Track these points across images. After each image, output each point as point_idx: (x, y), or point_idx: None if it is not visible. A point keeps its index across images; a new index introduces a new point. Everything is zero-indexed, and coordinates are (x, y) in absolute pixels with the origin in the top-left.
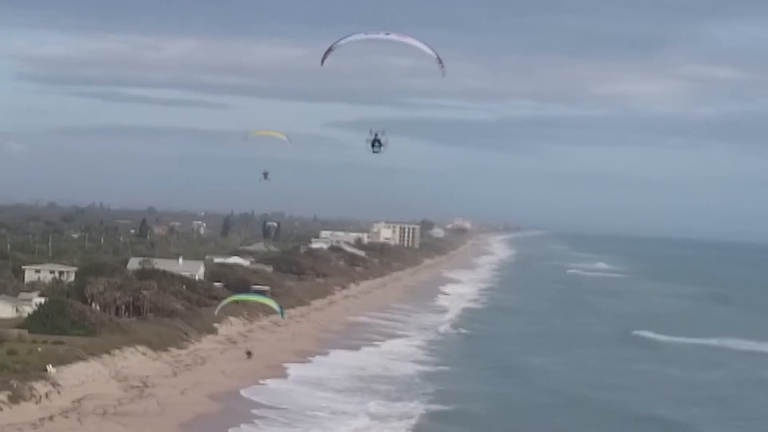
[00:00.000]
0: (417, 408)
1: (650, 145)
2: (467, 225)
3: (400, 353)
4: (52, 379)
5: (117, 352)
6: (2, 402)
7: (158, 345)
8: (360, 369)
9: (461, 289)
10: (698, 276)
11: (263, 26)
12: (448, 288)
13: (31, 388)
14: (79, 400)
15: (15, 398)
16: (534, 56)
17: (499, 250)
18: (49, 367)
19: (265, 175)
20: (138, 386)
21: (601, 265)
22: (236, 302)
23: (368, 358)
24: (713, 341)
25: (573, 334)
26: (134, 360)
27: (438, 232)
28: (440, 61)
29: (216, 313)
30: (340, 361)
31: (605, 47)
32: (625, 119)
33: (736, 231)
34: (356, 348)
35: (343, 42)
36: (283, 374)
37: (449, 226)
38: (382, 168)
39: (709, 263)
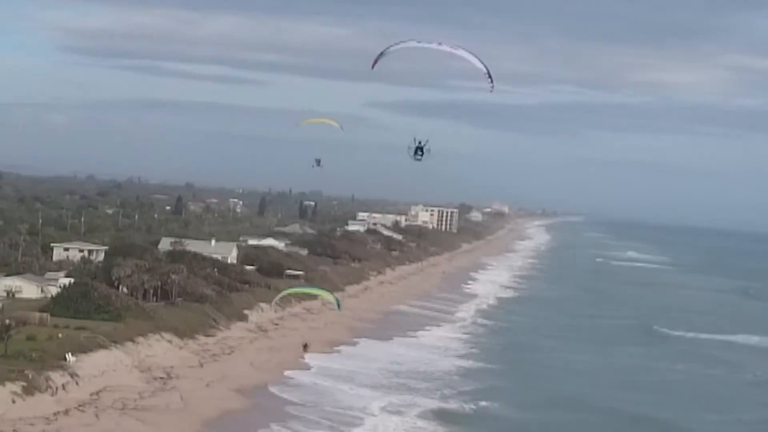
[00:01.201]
0: (456, 406)
1: (689, 133)
2: (505, 209)
3: (435, 346)
4: (70, 369)
5: (141, 339)
6: (16, 394)
7: (185, 332)
8: (394, 363)
9: (498, 277)
10: (735, 269)
11: (306, 4)
12: (485, 275)
13: (47, 379)
14: (97, 393)
15: (29, 389)
16: (577, 42)
17: (536, 235)
18: (69, 356)
19: (318, 162)
20: (161, 377)
21: (638, 255)
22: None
23: (403, 351)
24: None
25: (604, 328)
26: (159, 348)
27: (476, 216)
28: (490, 77)
29: (272, 305)
30: (373, 353)
31: (646, 35)
32: (665, 108)
33: None
34: (389, 339)
35: (394, 48)
36: (313, 367)
37: (487, 210)
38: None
39: (747, 256)
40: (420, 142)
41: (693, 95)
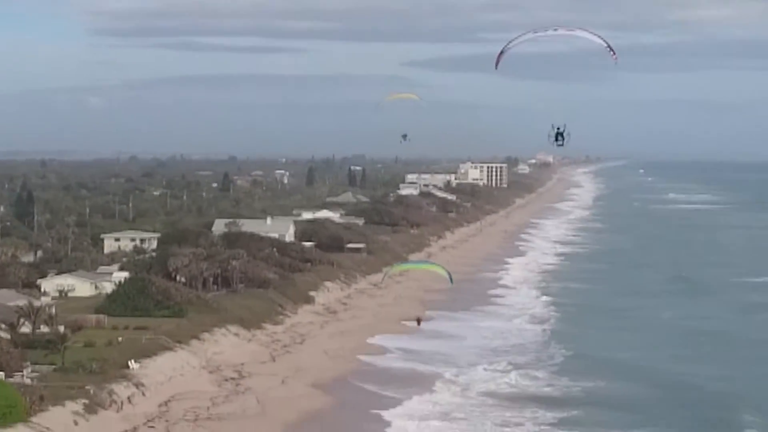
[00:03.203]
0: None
1: (725, 69)
2: (550, 159)
3: (516, 313)
4: (134, 378)
5: (206, 335)
6: (78, 414)
7: (251, 322)
8: (479, 337)
9: (558, 230)
10: None
11: None
12: (546, 231)
13: (110, 393)
14: (166, 403)
15: (92, 407)
16: None
17: (585, 183)
18: (131, 363)
19: (404, 137)
20: (233, 378)
21: (688, 196)
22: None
23: (485, 323)
24: None
25: (699, 282)
26: (226, 344)
27: (523, 169)
28: (611, 49)
29: (381, 283)
30: (453, 328)
31: None
32: (702, 44)
33: None
34: (466, 309)
35: (513, 44)
36: (392, 349)
37: (532, 161)
38: (462, 105)
39: None
40: (558, 128)
41: (731, 30)
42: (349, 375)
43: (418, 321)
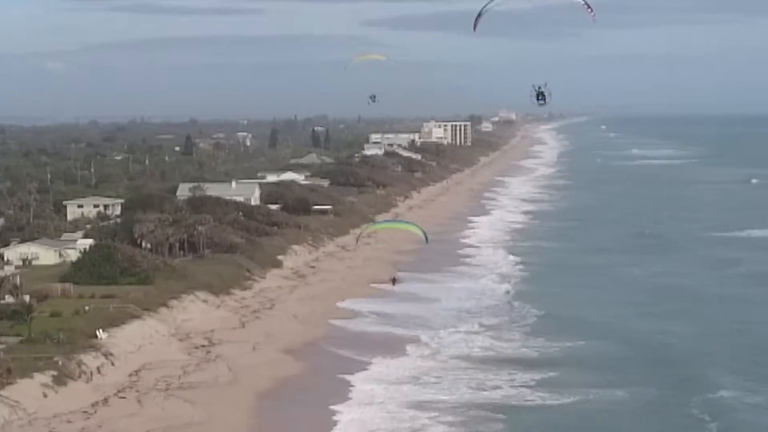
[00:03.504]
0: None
1: (687, 23)
2: (513, 116)
3: (487, 273)
4: (103, 348)
5: (175, 303)
6: (46, 386)
7: (220, 288)
8: (452, 298)
9: (525, 188)
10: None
11: None
12: (512, 188)
13: (79, 363)
14: (136, 372)
15: (61, 379)
16: None
17: (549, 140)
18: (99, 332)
19: (373, 98)
20: (203, 345)
21: (652, 152)
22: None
23: (457, 284)
24: None
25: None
26: (195, 310)
27: (487, 127)
28: (589, 6)
29: (357, 243)
30: (425, 289)
31: None
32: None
33: None
34: (437, 271)
35: (490, 5)
36: (363, 312)
37: (495, 119)
38: (423, 64)
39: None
40: (539, 87)
41: None
42: (320, 340)
43: (393, 281)
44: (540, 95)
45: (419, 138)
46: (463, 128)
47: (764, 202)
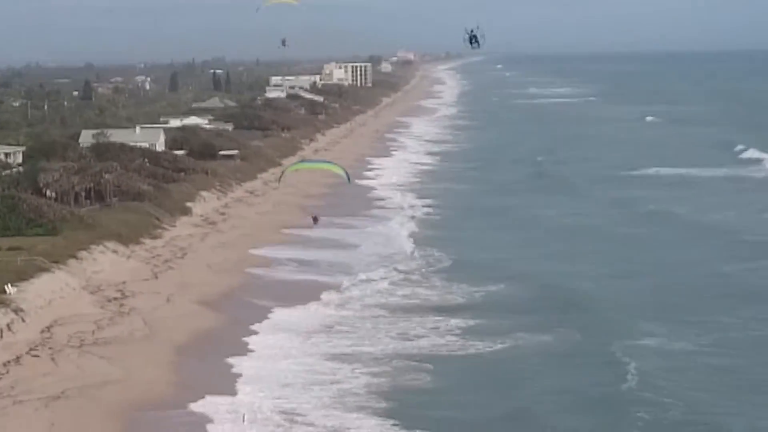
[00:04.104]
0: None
1: None
2: (411, 56)
3: (393, 220)
4: (12, 304)
5: (84, 254)
6: None
7: (129, 238)
8: (370, 244)
9: (429, 129)
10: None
11: None
12: (415, 129)
13: None
14: (48, 328)
15: None
16: None
17: (448, 79)
18: (8, 287)
19: (284, 42)
20: (115, 298)
21: (557, 89)
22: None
23: (371, 228)
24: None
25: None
26: (105, 262)
27: (386, 67)
28: None
29: (279, 184)
30: (340, 234)
31: None
32: None
33: (680, 39)
34: (352, 215)
35: None
36: (280, 259)
37: (394, 59)
38: (323, 7)
39: (659, 78)
40: (472, 30)
41: None
42: (237, 290)
43: (315, 219)
44: (473, 38)
45: (320, 80)
46: (363, 69)
47: (661, 139)
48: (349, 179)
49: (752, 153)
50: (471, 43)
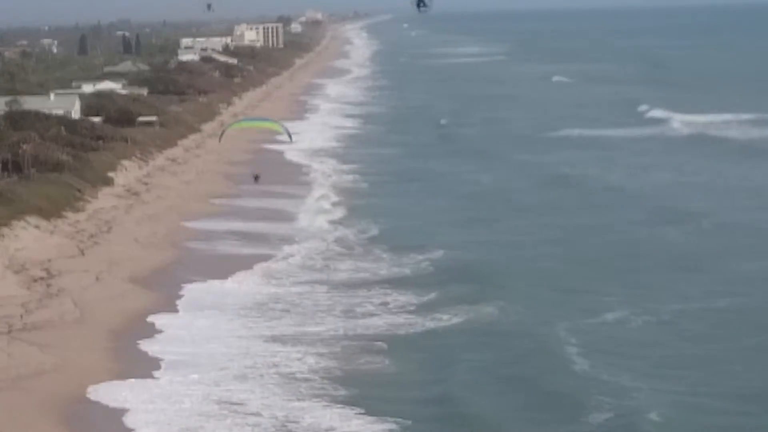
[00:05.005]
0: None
1: None
2: (319, 16)
3: (318, 187)
4: None
5: (5, 230)
6: None
7: (51, 211)
8: (300, 216)
9: (343, 90)
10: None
11: None
12: (331, 91)
13: None
14: None
15: None
16: None
17: (357, 39)
18: None
19: (209, 6)
20: (42, 277)
21: (469, 48)
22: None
23: (294, 200)
24: None
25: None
26: (28, 238)
27: (296, 28)
28: None
29: (219, 142)
30: (264, 205)
31: None
32: None
33: None
34: (281, 183)
35: None
36: (210, 232)
37: (303, 19)
38: None
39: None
40: None
41: None
42: (169, 265)
43: (256, 177)
44: (421, 1)
45: (232, 41)
46: (275, 30)
47: (568, 99)
48: (290, 137)
49: (656, 113)
50: (419, 6)
